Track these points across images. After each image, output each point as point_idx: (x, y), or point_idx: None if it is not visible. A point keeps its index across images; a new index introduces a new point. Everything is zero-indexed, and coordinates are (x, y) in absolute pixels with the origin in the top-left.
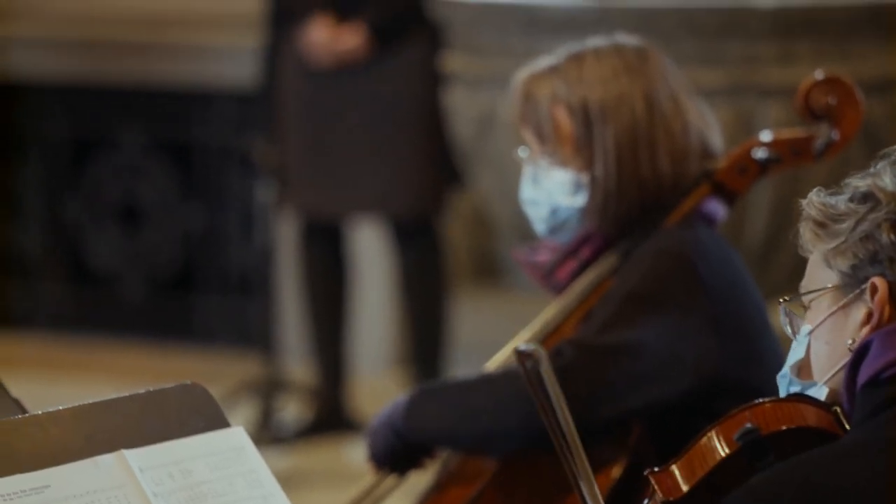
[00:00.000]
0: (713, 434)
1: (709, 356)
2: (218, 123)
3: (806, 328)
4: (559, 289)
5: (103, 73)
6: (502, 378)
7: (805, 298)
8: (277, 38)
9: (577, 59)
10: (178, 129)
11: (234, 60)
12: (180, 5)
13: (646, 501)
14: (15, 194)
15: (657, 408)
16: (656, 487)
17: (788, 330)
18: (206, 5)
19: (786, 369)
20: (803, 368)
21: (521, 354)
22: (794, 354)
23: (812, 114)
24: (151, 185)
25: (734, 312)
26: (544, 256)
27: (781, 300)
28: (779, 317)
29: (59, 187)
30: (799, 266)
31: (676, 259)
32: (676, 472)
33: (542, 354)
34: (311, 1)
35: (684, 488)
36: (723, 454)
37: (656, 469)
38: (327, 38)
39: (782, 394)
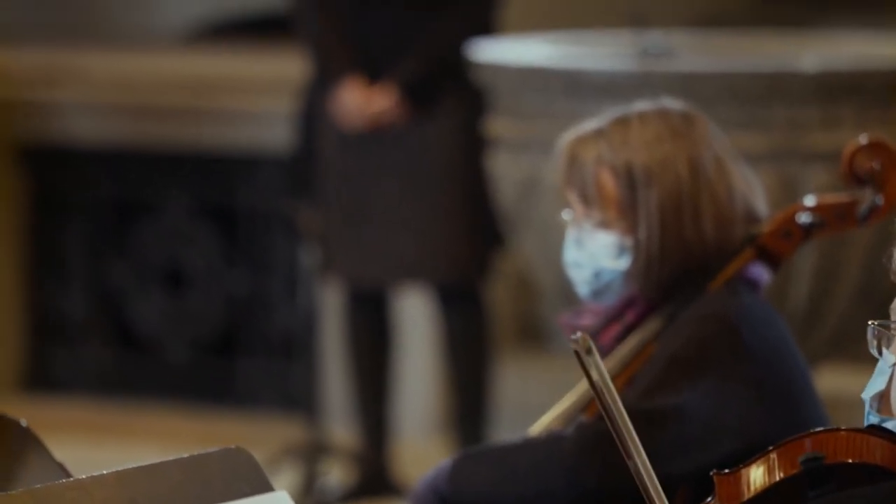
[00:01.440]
0: (780, 451)
1: (753, 420)
2: (263, 188)
3: (891, 358)
4: (603, 353)
5: (148, 137)
6: (546, 441)
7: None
8: (313, 103)
9: (622, 122)
10: (222, 194)
11: (279, 125)
12: (225, 70)
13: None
14: (60, 258)
15: (702, 472)
16: (717, 489)
17: (875, 352)
18: (252, 70)
19: (865, 396)
20: (884, 401)
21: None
22: (875, 384)
23: (856, 178)
24: (196, 249)
25: (778, 376)
26: (588, 320)
27: (871, 323)
28: (822, 380)
29: (104, 251)
30: (842, 331)
31: (720, 323)
32: (738, 480)
33: (587, 342)
34: (344, 64)
35: (742, 497)
36: (783, 474)
37: (724, 471)
38: (359, 100)
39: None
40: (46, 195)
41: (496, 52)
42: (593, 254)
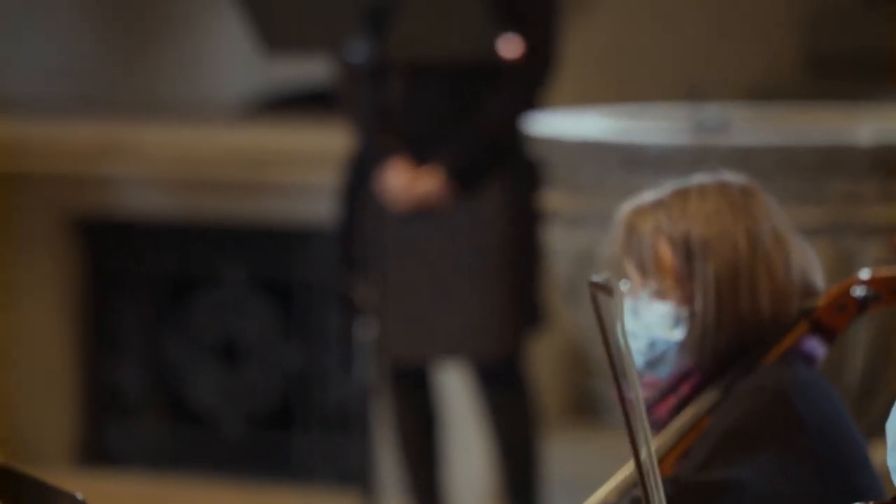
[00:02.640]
0: None
1: (809, 492)
2: (318, 261)
3: None
4: (658, 426)
5: (204, 210)
6: None
7: None
8: (357, 177)
9: (681, 194)
10: (278, 267)
11: (334, 198)
12: (281, 144)
13: None
14: (116, 331)
15: None
16: None
17: None
18: (308, 143)
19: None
20: None
21: (593, 285)
22: None
23: None
24: (251, 323)
25: (833, 448)
26: (643, 393)
27: None
28: (878, 453)
29: (160, 324)
30: None
31: (774, 396)
32: None
33: (616, 286)
34: (390, 145)
35: None
36: None
37: None
38: (405, 182)
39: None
40: (102, 269)
41: (552, 125)
42: (649, 324)
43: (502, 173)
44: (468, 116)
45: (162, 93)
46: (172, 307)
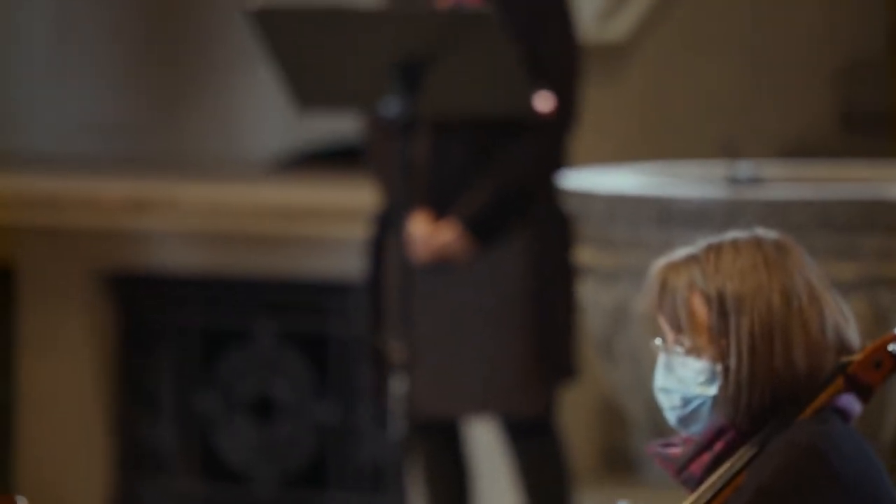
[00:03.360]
0: None
1: None
2: (352, 316)
3: None
4: (693, 483)
5: (237, 264)
6: None
7: None
8: (384, 233)
9: (715, 249)
10: (312, 322)
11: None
12: (313, 198)
13: None
14: (148, 386)
15: None
16: None
17: None
18: (340, 198)
19: None
20: None
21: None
22: None
23: None
24: (284, 378)
25: (869, 503)
26: (678, 450)
27: None
28: None
29: (192, 380)
30: None
31: (809, 452)
32: None
33: None
34: (409, 197)
35: None
36: None
37: None
38: (425, 234)
39: None
40: (135, 323)
41: (587, 180)
42: (682, 380)
43: (525, 225)
44: (488, 167)
45: (194, 148)
46: (206, 362)
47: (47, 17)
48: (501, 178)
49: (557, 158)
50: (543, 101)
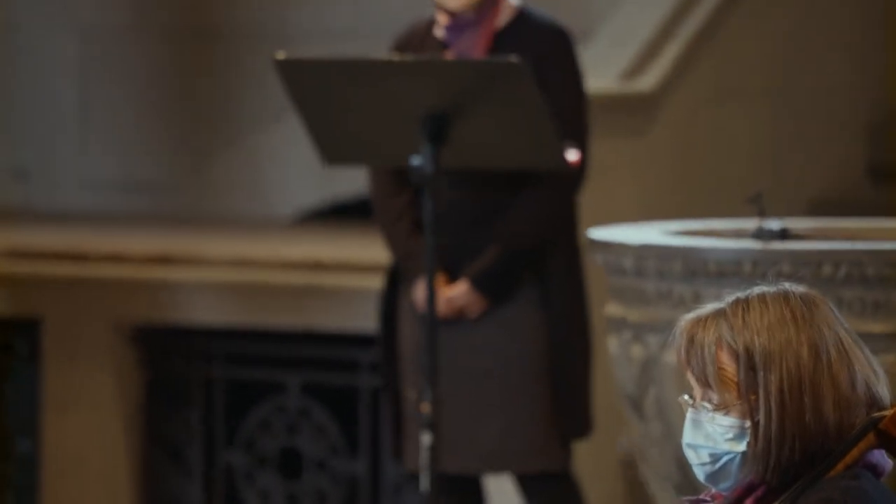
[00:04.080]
0: None
1: None
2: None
3: None
4: None
5: (264, 317)
6: None
7: None
8: (395, 291)
9: (743, 304)
10: (339, 375)
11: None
12: (341, 251)
13: None
14: (174, 441)
15: None
16: None
17: None
18: (366, 251)
19: None
20: None
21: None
22: None
23: None
24: (312, 432)
25: None
26: None
27: None
28: None
29: (219, 434)
30: None
31: None
32: None
33: None
34: (419, 258)
35: None
36: None
37: None
38: (437, 292)
39: None
40: (161, 376)
41: (615, 235)
42: (711, 436)
43: (540, 280)
44: (498, 225)
45: (221, 204)
46: (232, 416)
47: (75, 75)
48: (514, 234)
49: (571, 212)
50: (571, 154)
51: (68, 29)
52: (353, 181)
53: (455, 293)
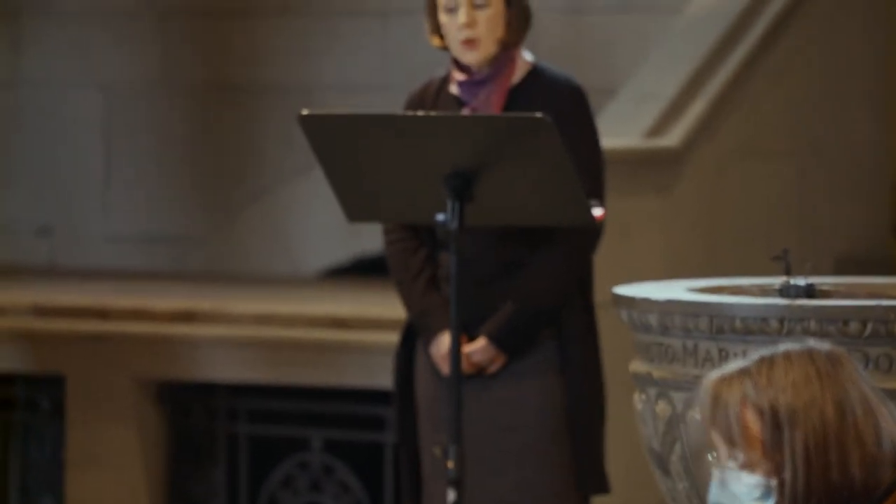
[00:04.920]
0: None
1: None
2: None
3: None
4: None
5: (287, 374)
6: None
7: None
8: (410, 347)
9: (767, 362)
10: (363, 432)
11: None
12: (367, 309)
13: None
14: (197, 498)
15: None
16: None
17: None
18: (390, 307)
19: None
20: None
21: None
22: None
23: None
24: (336, 489)
25: None
26: None
27: None
28: None
29: (243, 490)
30: None
31: None
32: None
33: None
34: (438, 316)
35: None
36: None
37: None
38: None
39: None
40: (184, 432)
41: (640, 292)
42: (737, 495)
43: (555, 335)
44: (516, 282)
45: (244, 260)
46: (255, 472)
47: (99, 131)
48: (533, 291)
49: (589, 269)
50: (596, 210)
51: (92, 85)
52: (378, 236)
53: (473, 349)
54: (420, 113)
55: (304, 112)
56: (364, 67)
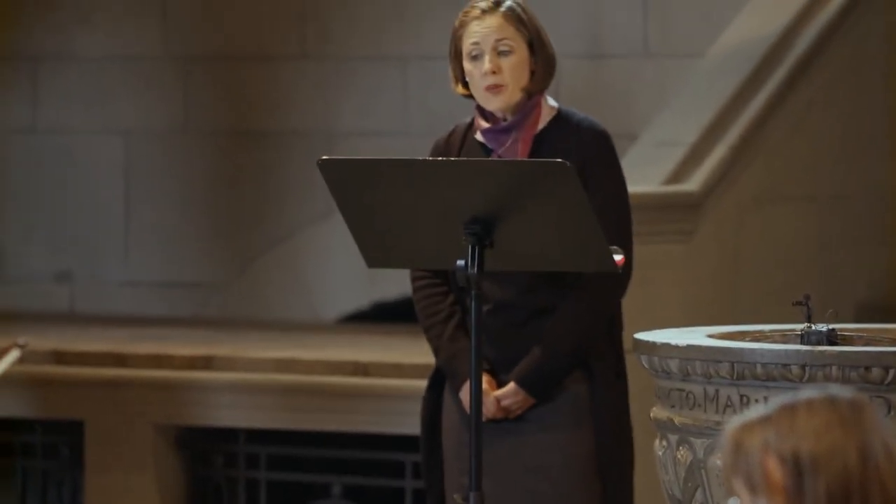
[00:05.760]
0: None
1: None
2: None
3: None
4: None
5: (306, 419)
6: None
7: None
8: (438, 393)
9: (789, 409)
10: (382, 477)
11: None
12: (386, 354)
13: None
14: None
15: None
16: None
17: None
18: (411, 354)
19: None
20: None
21: None
22: None
23: None
24: None
25: None
26: None
27: None
28: None
29: None
30: None
31: None
32: None
33: None
34: (463, 361)
35: None
36: None
37: None
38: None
39: None
40: (203, 478)
41: (659, 336)
42: None
43: (584, 378)
44: (543, 325)
45: (264, 304)
46: None
47: (119, 177)
48: (561, 335)
49: (617, 313)
50: (617, 255)
51: (112, 131)
52: (398, 282)
53: (501, 393)
54: (439, 158)
55: (324, 157)
56: (383, 113)
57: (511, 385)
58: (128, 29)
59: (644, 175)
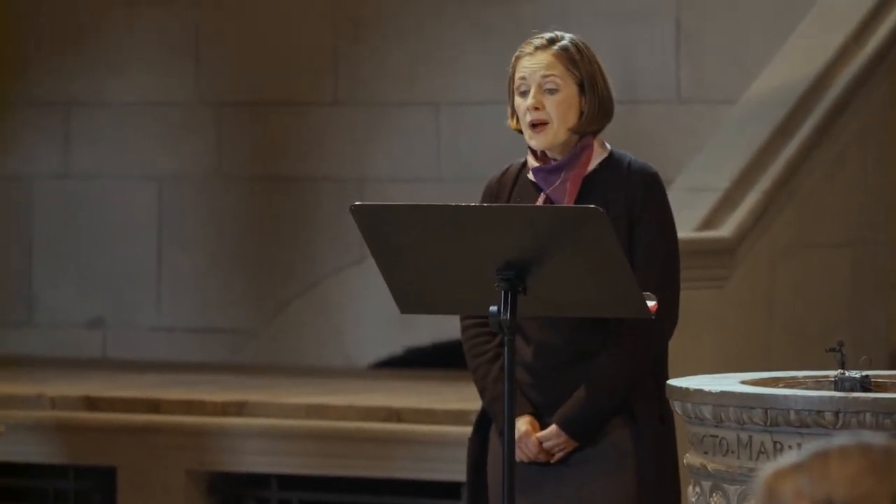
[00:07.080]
0: None
1: None
2: None
3: None
4: None
5: (338, 465)
6: None
7: None
8: (484, 436)
9: (822, 456)
10: None
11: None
12: (419, 400)
13: None
14: None
15: None
16: None
17: None
18: (444, 401)
19: None
20: None
21: None
22: None
23: None
24: None
25: None
26: None
27: None
28: None
29: None
30: None
31: None
32: None
33: None
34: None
35: None
36: None
37: None
38: (522, 437)
39: None
40: None
41: (692, 382)
42: None
43: (628, 422)
44: (587, 369)
45: (296, 350)
46: None
47: (152, 223)
48: (604, 378)
49: (662, 357)
50: (650, 301)
51: (144, 177)
52: (431, 328)
53: (543, 434)
54: (472, 204)
55: (357, 203)
56: (416, 158)
57: (553, 427)
58: (161, 75)
59: (677, 221)
